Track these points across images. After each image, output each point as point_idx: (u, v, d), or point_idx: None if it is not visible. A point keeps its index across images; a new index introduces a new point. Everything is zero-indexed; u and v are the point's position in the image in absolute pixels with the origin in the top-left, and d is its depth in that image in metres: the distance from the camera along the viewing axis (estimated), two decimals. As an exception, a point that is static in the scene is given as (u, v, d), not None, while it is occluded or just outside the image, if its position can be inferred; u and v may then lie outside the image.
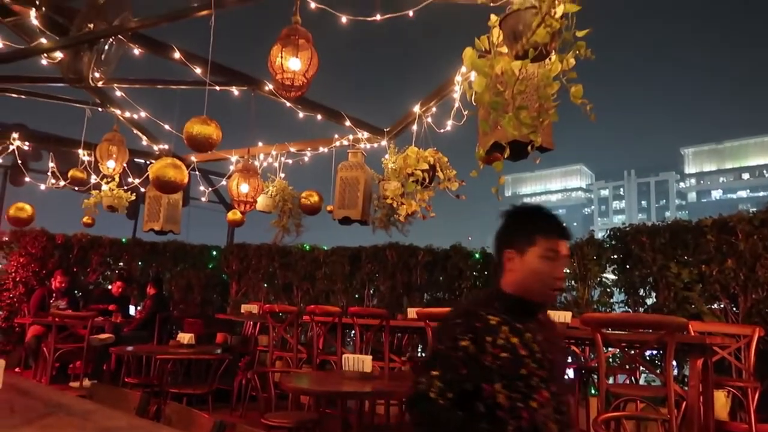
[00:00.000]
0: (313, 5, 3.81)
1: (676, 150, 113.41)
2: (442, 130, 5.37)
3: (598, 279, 7.05)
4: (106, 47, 4.45)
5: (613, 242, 7.06)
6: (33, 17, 4.21)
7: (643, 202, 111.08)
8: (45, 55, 4.64)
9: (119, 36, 4.47)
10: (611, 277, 7.15)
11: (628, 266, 6.84)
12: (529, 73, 2.91)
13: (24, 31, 4.50)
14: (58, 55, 4.68)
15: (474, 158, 3.53)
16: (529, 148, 3.11)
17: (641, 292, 6.76)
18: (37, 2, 4.05)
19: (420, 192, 5.34)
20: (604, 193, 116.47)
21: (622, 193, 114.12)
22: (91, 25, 4.07)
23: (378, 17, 3.73)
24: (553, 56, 2.71)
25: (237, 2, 3.90)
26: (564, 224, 2.24)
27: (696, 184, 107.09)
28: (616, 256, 6.99)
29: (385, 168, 5.89)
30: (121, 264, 10.60)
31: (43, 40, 4.61)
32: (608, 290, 7.06)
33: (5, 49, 4.38)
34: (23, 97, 5.97)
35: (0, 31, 4.51)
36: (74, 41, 4.15)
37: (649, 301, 6.74)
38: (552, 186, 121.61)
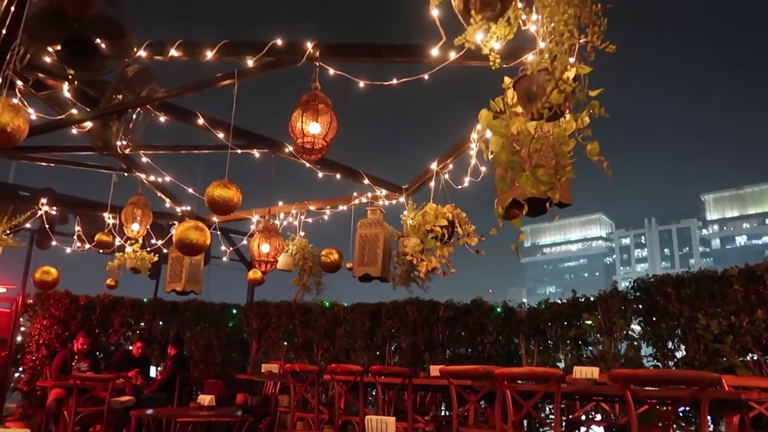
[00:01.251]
0: (331, 72, 3.95)
1: (696, 196, 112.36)
2: (459, 187, 5.43)
3: (624, 332, 6.90)
4: (134, 116, 4.65)
5: (638, 293, 6.94)
6: (66, 90, 4.43)
7: (665, 249, 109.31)
8: (75, 124, 4.84)
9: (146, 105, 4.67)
10: (637, 329, 7.00)
11: (654, 318, 6.70)
12: (544, 132, 2.95)
13: (57, 103, 4.73)
14: (88, 124, 4.88)
15: (493, 213, 3.56)
16: (548, 204, 3.14)
17: (670, 344, 6.59)
18: (70, 77, 4.27)
19: (439, 248, 5.35)
20: (625, 241, 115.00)
21: (643, 241, 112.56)
22: (120, 96, 4.27)
23: (394, 81, 3.85)
24: (568, 115, 2.76)
25: (258, 71, 4.07)
26: None
27: (719, 230, 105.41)
28: (641, 308, 6.86)
29: (404, 224, 5.92)
30: (142, 324, 10.64)
31: (74, 111, 4.83)
32: (635, 343, 6.89)
33: (39, 121, 4.59)
34: (53, 165, 6.19)
35: (34, 104, 4.73)
36: (104, 112, 4.34)
37: (678, 354, 6.56)
38: (572, 236, 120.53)
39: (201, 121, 5.05)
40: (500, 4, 1.92)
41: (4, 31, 3.28)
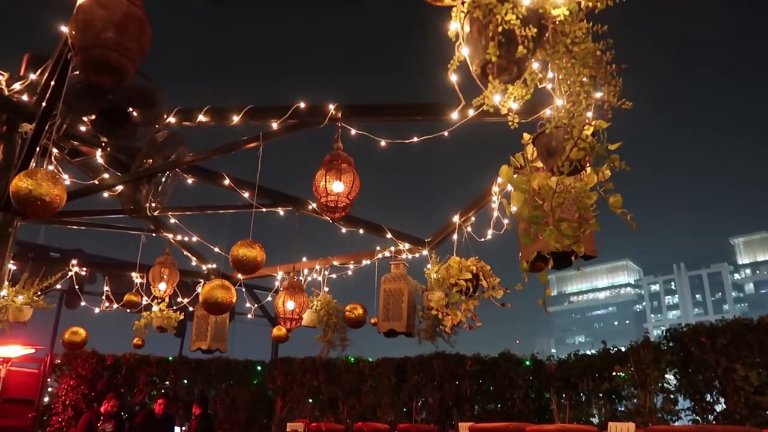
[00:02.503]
0: (353, 132, 4.06)
1: (725, 240, 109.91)
2: (482, 239, 5.42)
3: (660, 384, 6.67)
4: (163, 179, 4.80)
5: (671, 344, 6.75)
6: (99, 156, 4.61)
7: (697, 295, 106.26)
8: (106, 188, 5.01)
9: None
10: (673, 381, 6.76)
11: (690, 369, 6.48)
12: (566, 186, 2.97)
13: (90, 168, 4.91)
14: (119, 187, 5.04)
15: (517, 264, 3.55)
16: (573, 258, 3.13)
17: (708, 397, 6.35)
18: (104, 144, 4.45)
19: (464, 302, 5.31)
20: (655, 288, 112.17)
21: (673, 287, 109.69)
22: (150, 161, 4.43)
23: (415, 139, 3.94)
24: (588, 169, 2.78)
25: (283, 133, 4.20)
26: None
27: (752, 274, 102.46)
28: (675, 359, 6.65)
29: (428, 278, 5.90)
30: (167, 383, 10.60)
31: (106, 176, 5.00)
32: (671, 396, 6.65)
33: (72, 186, 4.75)
34: (83, 228, 6.37)
35: (68, 170, 4.92)
36: (135, 177, 4.50)
37: (717, 408, 6.30)
38: (599, 283, 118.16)
39: (227, 181, 5.19)
40: (516, 68, 1.98)
41: (44, 104, 3.46)
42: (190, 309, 7.60)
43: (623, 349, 7.15)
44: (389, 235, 6.31)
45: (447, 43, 2.38)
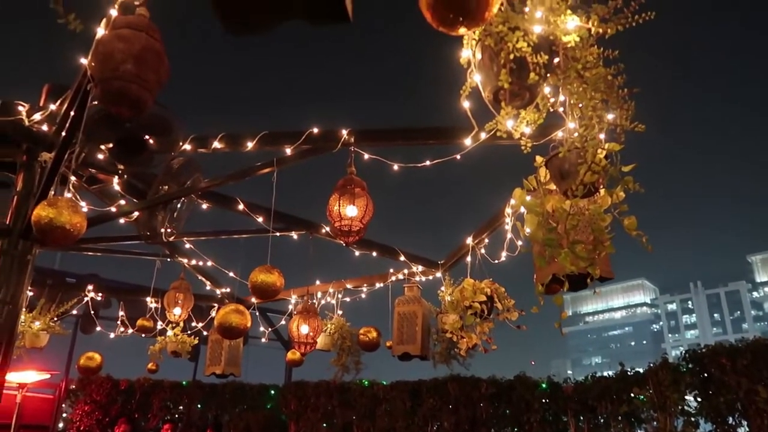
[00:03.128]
0: (366, 156, 4.10)
1: (742, 258, 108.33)
2: (496, 261, 5.40)
3: (680, 407, 6.55)
4: (179, 205, 4.86)
5: (690, 365, 6.63)
6: (115, 183, 4.68)
7: (715, 314, 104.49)
8: (122, 214, 5.07)
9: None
10: (693, 403, 6.64)
11: (710, 392, 6.36)
12: (579, 208, 2.97)
13: (106, 195, 4.98)
14: (135, 213, 5.10)
15: (531, 285, 3.53)
16: (588, 280, 3.11)
17: (730, 420, 6.21)
18: (120, 171, 4.53)
19: (479, 324, 5.27)
20: (672, 307, 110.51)
21: (690, 306, 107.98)
22: (166, 187, 4.49)
23: (428, 163, 3.96)
24: (602, 191, 2.78)
25: (296, 158, 4.25)
26: None
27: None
28: (695, 381, 6.54)
29: (442, 301, 5.88)
30: (181, 408, 10.57)
31: (122, 202, 5.07)
32: (692, 419, 6.52)
33: (89, 213, 4.83)
34: (99, 254, 6.44)
35: (85, 197, 4.99)
36: (151, 203, 4.56)
37: (740, 431, 6.16)
38: (614, 303, 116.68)
39: (241, 206, 5.24)
40: (529, 93, 2.00)
41: (64, 134, 3.54)
42: (204, 333, 7.61)
43: (641, 370, 7.04)
44: (402, 258, 6.31)
45: (458, 68, 2.41)
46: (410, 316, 5.93)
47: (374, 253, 6.28)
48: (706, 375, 6.37)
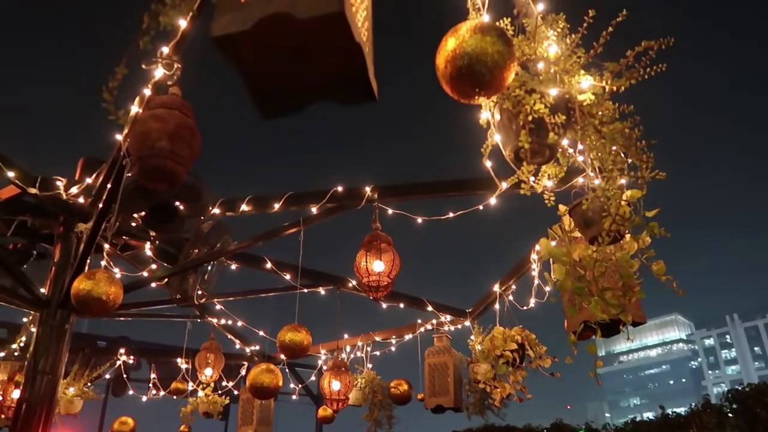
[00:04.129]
0: (390, 211, 4.18)
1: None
2: (525, 308, 5.37)
3: (727, 451, 6.29)
4: (209, 268, 4.96)
5: (734, 406, 6.41)
6: (147, 249, 4.82)
7: (755, 348, 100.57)
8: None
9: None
10: (741, 447, 6.37)
11: (758, 434, 6.11)
12: (606, 255, 2.97)
13: (138, 260, 5.12)
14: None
15: (562, 329, 3.51)
16: (621, 327, 3.09)
17: (781, 463, 5.94)
18: (152, 237, 4.67)
19: (512, 373, 5.20)
20: (709, 342, 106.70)
21: (729, 340, 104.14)
22: (196, 251, 4.60)
23: (450, 215, 4.02)
24: (628, 237, 2.80)
25: (322, 217, 4.35)
26: None
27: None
28: (740, 422, 6.30)
29: (472, 350, 5.82)
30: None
31: (153, 266, 5.20)
32: (741, 464, 6.25)
33: (123, 279, 4.95)
34: (130, 319, 6.54)
35: (118, 263, 5.13)
36: (182, 267, 4.67)
37: (793, 475, 5.88)
38: (648, 340, 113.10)
39: (269, 265, 5.33)
40: (549, 151, 2.06)
41: (101, 205, 3.69)
42: (235, 392, 7.60)
43: (683, 412, 6.82)
44: (430, 308, 6.30)
45: (477, 124, 2.50)
46: (441, 367, 5.87)
47: (401, 305, 6.28)
48: (751, 416, 6.14)
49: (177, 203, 4.03)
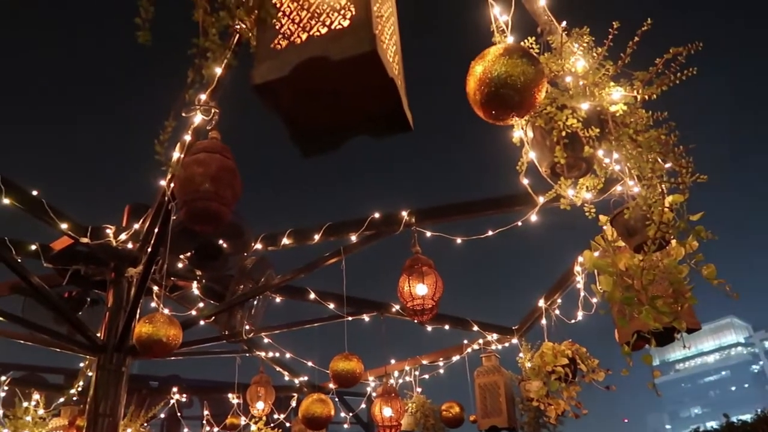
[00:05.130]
0: (428, 234, 4.20)
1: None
2: (572, 321, 5.28)
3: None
4: (255, 303, 5.06)
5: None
6: (195, 288, 4.95)
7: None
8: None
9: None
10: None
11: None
12: (653, 262, 2.92)
13: (186, 300, 5.26)
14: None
15: (613, 340, 3.45)
16: (675, 335, 3.03)
17: None
18: (198, 276, 4.80)
19: (565, 389, 5.10)
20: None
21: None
22: (241, 287, 4.71)
23: (489, 233, 4.02)
24: (674, 242, 2.75)
25: (361, 245, 4.40)
26: None
27: None
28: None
29: (522, 367, 5.74)
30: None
31: (201, 305, 5.33)
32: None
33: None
34: (180, 357, 6.67)
35: (167, 304, 5.27)
36: (230, 304, 4.78)
37: None
38: (704, 346, 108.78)
39: (312, 295, 5.40)
40: (585, 164, 2.07)
41: (149, 250, 3.82)
42: (287, 424, 7.63)
43: (749, 418, 6.54)
44: (476, 328, 6.25)
45: (509, 142, 2.52)
46: (492, 387, 5.80)
47: (446, 326, 6.26)
48: (823, 419, 5.86)
49: (221, 242, 4.14)
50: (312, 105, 1.57)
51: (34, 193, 3.95)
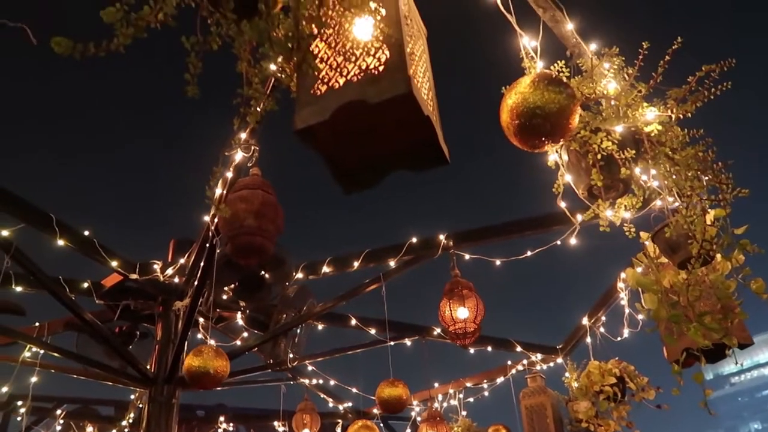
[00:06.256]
0: (467, 257, 4.22)
1: None
2: (618, 339, 5.19)
3: None
4: (298, 331, 5.14)
5: None
6: (239, 319, 5.06)
7: None
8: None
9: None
10: None
11: None
12: (699, 278, 2.88)
13: (231, 331, 5.37)
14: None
15: (661, 357, 3.38)
16: (727, 351, 2.96)
17: None
18: (242, 307, 4.91)
19: (615, 408, 4.99)
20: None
21: None
22: (284, 316, 4.80)
23: (528, 253, 4.01)
24: (719, 257, 2.70)
25: (400, 270, 4.44)
26: None
27: None
28: None
29: (569, 387, 5.64)
30: None
31: (245, 334, 5.44)
32: None
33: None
34: (226, 387, 6.78)
35: (212, 336, 5.39)
36: (274, 334, 4.87)
37: None
38: (760, 357, 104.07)
39: (353, 322, 5.45)
40: (622, 185, 2.07)
41: (196, 283, 3.94)
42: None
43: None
44: (519, 348, 6.18)
45: (544, 164, 2.54)
46: (539, 409, 5.70)
47: (489, 348, 6.21)
48: None
49: (263, 273, 4.24)
50: (351, 143, 1.64)
51: (86, 233, 4.13)
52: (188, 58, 1.43)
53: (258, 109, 1.56)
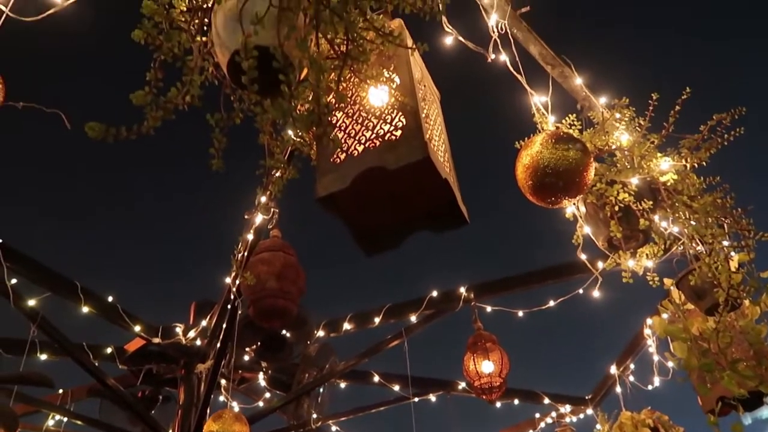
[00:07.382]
0: (489, 309, 4.18)
1: None
2: (650, 387, 5.04)
3: None
4: (321, 390, 5.07)
5: None
6: (261, 380, 5.02)
7: None
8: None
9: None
10: None
11: None
12: (729, 323, 2.82)
13: (253, 392, 5.32)
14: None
15: (696, 405, 3.28)
16: (765, 399, 2.87)
17: None
18: (264, 368, 4.87)
19: (651, 461, 4.80)
20: None
21: None
22: (306, 375, 4.75)
23: (551, 303, 3.97)
24: (747, 302, 2.66)
25: (422, 324, 4.41)
26: None
27: None
28: None
29: (601, 440, 5.45)
30: None
31: (267, 395, 5.37)
32: None
33: (242, 412, 5.13)
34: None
35: (234, 397, 5.34)
36: (297, 394, 4.81)
37: None
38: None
39: (376, 378, 5.37)
40: (642, 235, 2.07)
41: (218, 345, 3.94)
42: None
43: None
44: (547, 400, 6.02)
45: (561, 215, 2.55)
46: (572, 463, 5.51)
47: (516, 401, 6.05)
48: None
49: (284, 332, 4.23)
50: (371, 208, 1.67)
51: (110, 299, 4.18)
52: (213, 133, 1.50)
53: (281, 177, 1.61)
